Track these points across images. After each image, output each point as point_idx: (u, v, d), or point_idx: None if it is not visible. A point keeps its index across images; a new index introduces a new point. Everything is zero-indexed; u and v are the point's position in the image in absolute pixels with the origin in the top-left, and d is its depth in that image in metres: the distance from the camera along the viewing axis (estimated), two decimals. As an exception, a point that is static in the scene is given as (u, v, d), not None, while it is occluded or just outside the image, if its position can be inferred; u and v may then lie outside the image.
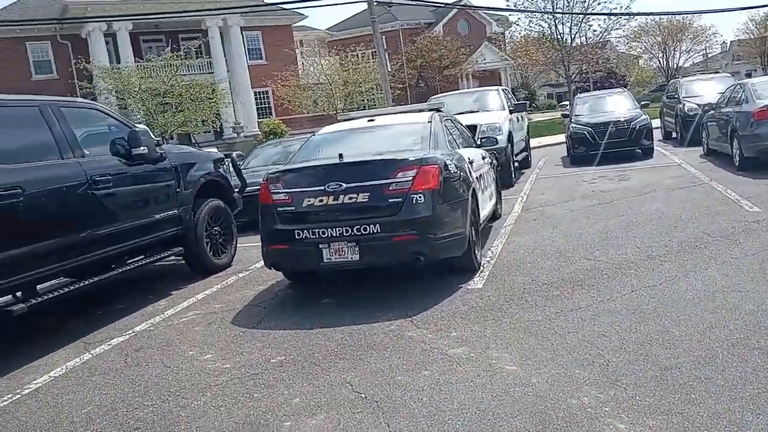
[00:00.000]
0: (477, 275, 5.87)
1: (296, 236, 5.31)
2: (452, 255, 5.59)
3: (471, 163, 6.43)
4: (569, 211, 8.76)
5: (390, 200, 5.20)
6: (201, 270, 7.24)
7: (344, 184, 5.25)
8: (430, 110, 7.26)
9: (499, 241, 7.31)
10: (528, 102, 48.37)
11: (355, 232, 5.17)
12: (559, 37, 38.06)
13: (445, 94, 15.33)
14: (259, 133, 33.72)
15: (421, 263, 5.39)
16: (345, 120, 7.41)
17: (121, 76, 26.39)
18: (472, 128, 11.40)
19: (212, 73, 34.76)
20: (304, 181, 5.46)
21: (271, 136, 30.25)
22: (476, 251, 6.09)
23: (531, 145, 20.79)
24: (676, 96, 16.26)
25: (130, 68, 27.83)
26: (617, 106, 14.97)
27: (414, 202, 5.17)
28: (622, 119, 13.85)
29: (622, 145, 13.72)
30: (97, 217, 5.77)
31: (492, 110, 12.44)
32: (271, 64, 37.57)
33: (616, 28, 41.64)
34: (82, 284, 5.76)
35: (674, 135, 16.53)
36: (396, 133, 6.41)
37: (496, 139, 11.27)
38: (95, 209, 5.75)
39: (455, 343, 4.32)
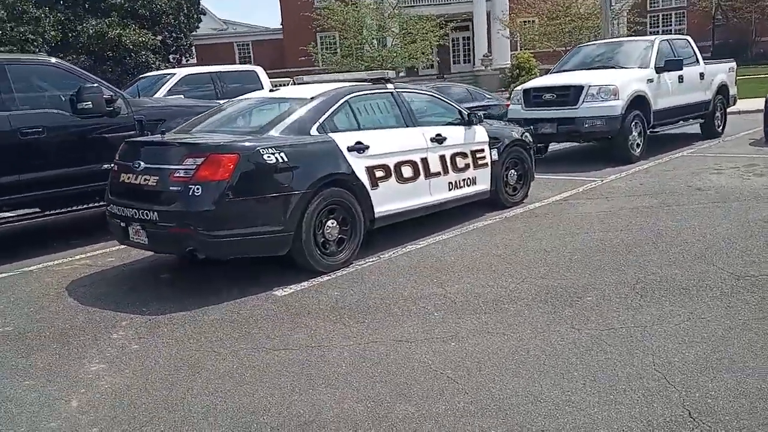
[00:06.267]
0: (308, 281, 5.12)
1: (110, 210, 5.29)
2: (256, 255, 4.99)
3: (361, 149, 5.47)
4: (599, 211, 6.92)
5: (171, 188, 4.76)
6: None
7: (143, 164, 4.98)
8: (377, 80, 6.38)
9: (438, 238, 6.21)
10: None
11: (142, 216, 4.91)
12: None
13: (585, 44, 12.81)
14: (509, 66, 32.14)
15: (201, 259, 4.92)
16: (299, 84, 6.84)
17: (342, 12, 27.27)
18: (578, 89, 9.58)
19: (470, 2, 34.11)
20: (127, 155, 5.30)
21: (517, 71, 28.71)
22: (330, 250, 5.29)
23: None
24: None
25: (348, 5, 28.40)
26: None
27: (191, 193, 4.63)
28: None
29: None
30: (26, 163, 6.44)
31: (624, 68, 10.05)
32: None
33: None
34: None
35: None
36: (271, 110, 5.74)
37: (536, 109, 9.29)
38: (24, 156, 6.43)
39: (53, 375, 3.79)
